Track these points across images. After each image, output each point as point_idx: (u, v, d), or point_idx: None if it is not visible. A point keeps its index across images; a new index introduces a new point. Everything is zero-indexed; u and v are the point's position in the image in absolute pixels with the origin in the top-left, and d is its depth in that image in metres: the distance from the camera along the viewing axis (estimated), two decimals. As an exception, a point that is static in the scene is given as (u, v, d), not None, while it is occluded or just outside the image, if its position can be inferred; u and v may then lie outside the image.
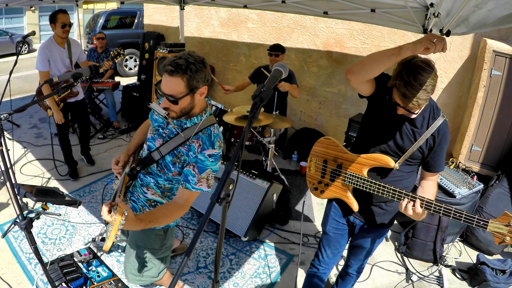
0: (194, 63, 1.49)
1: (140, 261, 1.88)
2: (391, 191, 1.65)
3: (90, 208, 3.31)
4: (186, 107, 1.56)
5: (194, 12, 5.65)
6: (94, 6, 16.31)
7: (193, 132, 1.60)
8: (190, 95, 1.52)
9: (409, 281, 2.72)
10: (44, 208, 1.96)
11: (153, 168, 1.71)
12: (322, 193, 1.98)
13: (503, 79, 3.30)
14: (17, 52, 3.50)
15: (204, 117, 1.64)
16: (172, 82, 1.48)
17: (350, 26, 4.35)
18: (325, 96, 4.80)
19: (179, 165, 1.64)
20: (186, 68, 1.47)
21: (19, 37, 11.81)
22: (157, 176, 1.71)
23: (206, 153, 1.57)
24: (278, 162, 4.45)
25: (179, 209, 1.59)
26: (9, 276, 2.48)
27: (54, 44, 3.38)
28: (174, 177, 1.70)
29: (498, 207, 3.03)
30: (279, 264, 2.83)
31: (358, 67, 1.57)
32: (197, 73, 1.50)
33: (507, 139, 3.37)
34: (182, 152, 1.62)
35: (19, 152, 4.30)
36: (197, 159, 1.58)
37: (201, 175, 1.57)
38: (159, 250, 1.89)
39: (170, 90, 1.49)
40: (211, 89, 5.89)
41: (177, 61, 1.47)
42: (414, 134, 1.66)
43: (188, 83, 1.49)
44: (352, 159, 1.81)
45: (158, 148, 1.67)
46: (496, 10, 1.79)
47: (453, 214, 1.47)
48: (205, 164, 1.57)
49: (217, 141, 1.61)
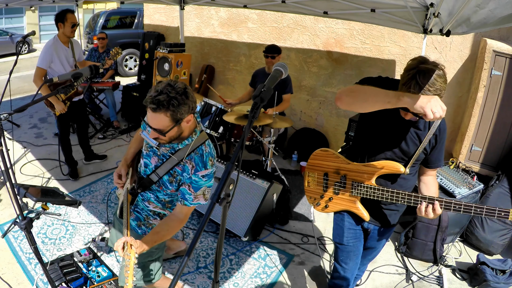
0: (175, 97, 1.49)
1: (138, 266, 1.90)
2: (405, 196, 1.61)
3: (90, 208, 3.31)
4: (174, 135, 1.60)
5: (194, 12, 5.65)
6: (94, 6, 16.30)
7: (185, 153, 1.64)
8: (177, 126, 1.55)
9: (409, 281, 2.72)
10: (44, 208, 1.96)
11: (153, 187, 1.78)
12: (326, 208, 1.91)
13: (503, 79, 3.30)
14: (17, 52, 3.51)
15: (195, 137, 1.67)
16: (156, 118, 1.51)
17: (350, 26, 4.35)
18: (325, 96, 4.80)
19: (175, 184, 1.71)
20: (168, 103, 1.47)
21: (19, 37, 11.81)
22: (157, 192, 1.79)
23: (200, 174, 1.63)
24: (278, 162, 4.45)
25: (180, 223, 1.70)
26: (9, 276, 2.48)
27: (59, 43, 3.41)
28: (172, 193, 1.77)
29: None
30: (279, 264, 2.83)
31: (348, 101, 1.55)
32: (180, 107, 1.50)
33: (507, 139, 3.37)
34: (177, 172, 1.68)
35: (19, 152, 4.30)
36: (192, 180, 1.64)
37: (197, 193, 1.65)
38: (155, 251, 1.93)
39: (155, 124, 1.53)
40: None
41: (158, 97, 1.48)
42: (418, 136, 1.63)
43: (172, 117, 1.51)
44: (358, 169, 1.75)
45: (155, 170, 1.73)
46: (498, 10, 1.79)
47: (474, 210, 1.47)
48: (199, 184, 1.64)
49: (209, 160, 1.66)
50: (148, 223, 1.87)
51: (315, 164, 1.92)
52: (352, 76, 4.48)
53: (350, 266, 2.00)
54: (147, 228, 1.87)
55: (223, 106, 3.76)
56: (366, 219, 1.78)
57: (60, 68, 3.41)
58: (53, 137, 4.83)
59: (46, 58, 3.30)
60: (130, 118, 5.56)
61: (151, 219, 1.87)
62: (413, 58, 1.50)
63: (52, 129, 5.10)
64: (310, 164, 1.94)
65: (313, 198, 1.96)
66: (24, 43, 7.31)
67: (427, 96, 1.36)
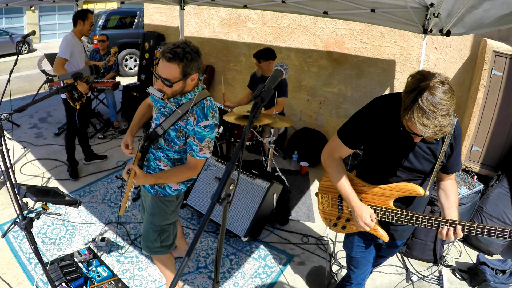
0: (190, 52, 1.67)
1: (155, 229, 2.04)
2: (426, 220, 1.52)
3: (90, 208, 3.31)
4: (177, 90, 1.74)
5: (194, 12, 5.65)
6: (94, 6, 16.30)
7: (188, 107, 1.79)
8: (183, 80, 1.71)
9: (409, 281, 2.72)
10: (44, 208, 1.97)
11: (162, 143, 1.91)
12: (344, 229, 1.84)
13: (503, 79, 3.30)
14: (17, 52, 3.54)
15: (197, 91, 1.83)
16: (169, 67, 1.66)
17: (350, 26, 4.35)
18: (325, 96, 4.80)
19: (183, 138, 1.85)
20: (183, 56, 1.65)
21: (19, 37, 11.79)
22: (166, 150, 1.92)
23: (201, 124, 1.76)
24: (278, 162, 4.46)
25: (188, 170, 1.85)
26: (9, 276, 2.48)
27: (76, 39, 3.55)
28: (181, 149, 1.90)
29: (498, 207, 3.03)
30: (279, 264, 2.83)
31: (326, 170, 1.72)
32: (192, 62, 1.68)
33: (507, 139, 3.37)
34: (182, 126, 1.82)
35: (19, 152, 4.30)
36: (195, 131, 1.78)
37: (202, 144, 1.80)
38: (171, 214, 2.08)
39: (166, 74, 1.68)
40: (211, 89, 5.89)
41: (175, 49, 1.65)
42: (432, 151, 1.51)
43: (183, 69, 1.67)
44: (374, 192, 1.67)
45: (160, 124, 1.86)
46: (493, 10, 1.80)
47: (497, 233, 1.40)
48: (202, 135, 1.78)
49: (210, 112, 1.79)
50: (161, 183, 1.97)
51: (328, 186, 1.84)
52: (352, 76, 4.49)
53: (359, 272, 2.00)
54: (159, 188, 1.98)
55: (223, 106, 3.76)
56: (385, 240, 1.71)
57: (77, 61, 3.56)
58: (53, 137, 4.83)
59: (68, 49, 3.46)
60: (130, 118, 5.54)
61: None
62: (412, 75, 1.34)
63: (52, 129, 5.10)
64: (323, 186, 1.88)
65: (328, 219, 1.89)
66: (24, 43, 7.31)
67: (362, 210, 1.56)
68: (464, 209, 2.99)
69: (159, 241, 2.07)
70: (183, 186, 2.03)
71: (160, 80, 1.70)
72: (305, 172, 4.36)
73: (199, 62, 1.72)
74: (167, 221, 2.07)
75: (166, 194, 2.00)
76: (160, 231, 2.05)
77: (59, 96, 3.54)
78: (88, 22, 3.50)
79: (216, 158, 3.32)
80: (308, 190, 3.98)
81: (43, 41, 14.92)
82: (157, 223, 2.04)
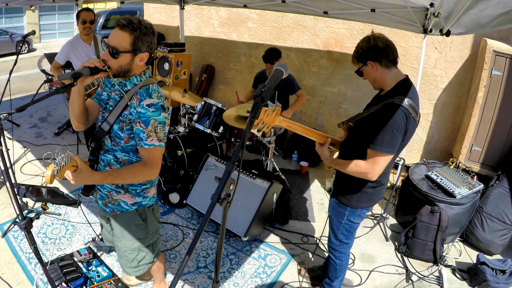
0: (146, 27, 1.60)
1: (131, 253, 1.92)
2: None
3: (90, 208, 3.31)
4: (123, 65, 1.62)
5: (194, 12, 5.65)
6: (94, 5, 16.31)
7: (133, 93, 1.67)
8: (131, 54, 1.60)
9: (409, 281, 2.72)
10: (44, 208, 1.96)
11: (108, 144, 1.75)
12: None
13: (503, 79, 3.30)
14: (17, 52, 3.55)
15: (144, 78, 1.71)
16: (120, 35, 1.57)
17: (350, 26, 4.35)
18: (325, 96, 4.80)
19: (127, 127, 1.67)
20: (137, 27, 1.57)
21: (19, 37, 11.78)
22: (114, 151, 1.75)
23: (144, 103, 1.62)
24: (278, 162, 4.45)
25: (143, 167, 1.62)
26: (9, 276, 2.48)
27: (80, 41, 3.55)
28: (127, 146, 1.72)
29: (498, 207, 3.03)
30: (279, 264, 2.83)
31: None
32: (145, 36, 1.59)
33: (507, 139, 3.37)
34: (125, 115, 1.67)
35: (19, 152, 4.30)
36: (139, 113, 1.62)
37: (148, 129, 1.61)
38: (145, 238, 1.93)
39: (115, 42, 1.58)
40: (211, 88, 5.89)
41: (131, 18, 1.57)
42: None
43: (134, 41, 1.58)
44: None
45: (105, 119, 1.71)
46: (488, 10, 1.79)
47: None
48: (147, 116, 1.61)
49: (154, 93, 1.67)
50: (113, 200, 1.81)
51: None
52: (352, 76, 4.48)
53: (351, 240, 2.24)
54: (114, 205, 1.81)
55: (223, 106, 3.76)
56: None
57: (78, 64, 3.55)
58: (53, 137, 4.83)
59: (62, 53, 3.51)
60: (130, 118, 5.55)
61: (114, 194, 1.80)
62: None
63: (52, 129, 5.09)
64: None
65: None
66: (24, 42, 7.30)
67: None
68: (464, 209, 2.99)
69: (138, 263, 1.95)
70: (141, 198, 1.83)
71: (107, 49, 1.59)
72: (305, 172, 4.36)
73: (152, 42, 1.63)
74: (142, 245, 1.92)
75: (123, 210, 1.81)
76: (136, 254, 1.92)
77: (59, 96, 3.56)
78: (79, 21, 3.47)
79: (216, 158, 3.32)
80: (308, 190, 3.98)
81: (43, 40, 14.91)
82: (131, 248, 1.89)
